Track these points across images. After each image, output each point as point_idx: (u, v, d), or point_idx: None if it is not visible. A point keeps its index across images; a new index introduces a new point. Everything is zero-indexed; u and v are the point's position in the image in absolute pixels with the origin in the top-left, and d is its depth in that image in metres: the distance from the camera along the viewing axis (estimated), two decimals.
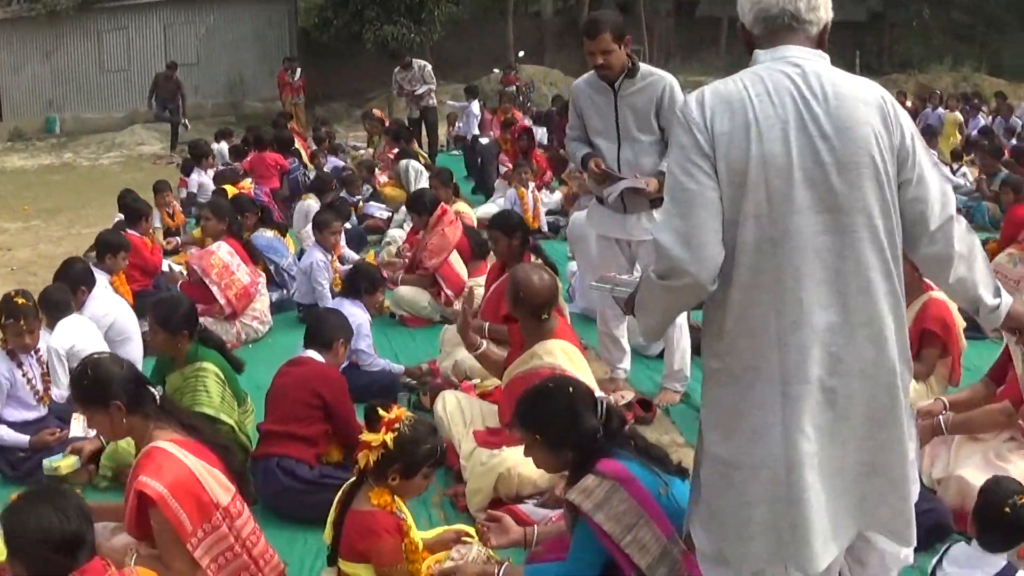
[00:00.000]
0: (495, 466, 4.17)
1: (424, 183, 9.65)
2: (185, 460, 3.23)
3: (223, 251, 6.72)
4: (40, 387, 4.84)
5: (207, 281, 6.55)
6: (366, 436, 3.22)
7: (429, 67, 14.61)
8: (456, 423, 4.64)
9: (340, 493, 3.39)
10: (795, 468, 2.37)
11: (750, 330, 2.40)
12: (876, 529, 2.56)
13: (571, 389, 3.31)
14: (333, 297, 6.81)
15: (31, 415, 4.82)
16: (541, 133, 14.36)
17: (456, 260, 7.24)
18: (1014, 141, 14.20)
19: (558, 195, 10.92)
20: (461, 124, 15.29)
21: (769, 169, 2.32)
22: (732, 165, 2.33)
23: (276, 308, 7.19)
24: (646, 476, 3.13)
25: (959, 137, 15.30)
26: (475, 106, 15.22)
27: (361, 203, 10.50)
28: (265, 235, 7.64)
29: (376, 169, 11.56)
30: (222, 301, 6.56)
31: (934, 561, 3.26)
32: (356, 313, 5.77)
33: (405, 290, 7.15)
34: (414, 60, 14.71)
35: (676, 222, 2.36)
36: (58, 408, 4.95)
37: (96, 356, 3.45)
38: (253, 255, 6.99)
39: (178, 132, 17.80)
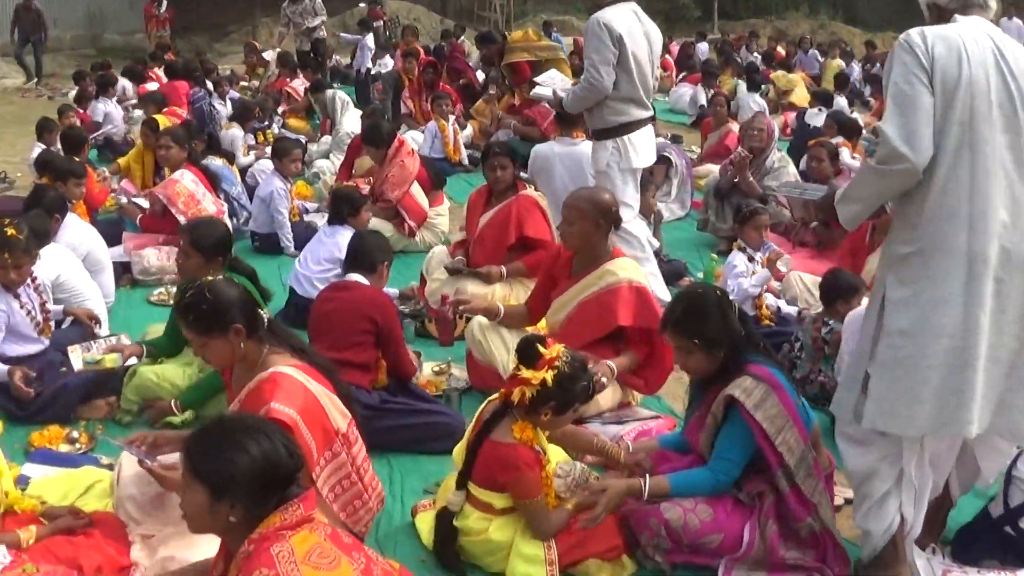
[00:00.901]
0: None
1: (351, 113, 9.42)
2: (308, 385, 3.12)
3: (187, 179, 6.39)
4: (40, 318, 4.51)
5: (173, 211, 6.22)
6: (525, 373, 3.17)
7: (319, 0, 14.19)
8: (498, 348, 4.63)
9: (477, 421, 3.36)
10: (971, 335, 2.88)
11: (946, 214, 2.90)
12: (1003, 431, 3.04)
13: (720, 295, 3.40)
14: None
15: (32, 348, 4.50)
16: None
17: (418, 191, 7.15)
18: None
19: (469, 129, 10.86)
20: (358, 57, 14.88)
21: (974, 91, 2.87)
22: (946, 83, 2.87)
23: None
24: (787, 383, 3.30)
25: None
26: (369, 39, 14.84)
27: (271, 133, 10.16)
28: (215, 163, 7.30)
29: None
30: None
31: (1009, 462, 3.46)
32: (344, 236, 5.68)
33: (374, 221, 6.99)
34: None
35: (898, 120, 2.87)
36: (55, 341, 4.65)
37: (210, 279, 3.21)
38: (213, 183, 6.66)
39: (42, 64, 16.73)
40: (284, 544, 2.29)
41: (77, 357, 4.50)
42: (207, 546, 2.84)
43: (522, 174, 6.63)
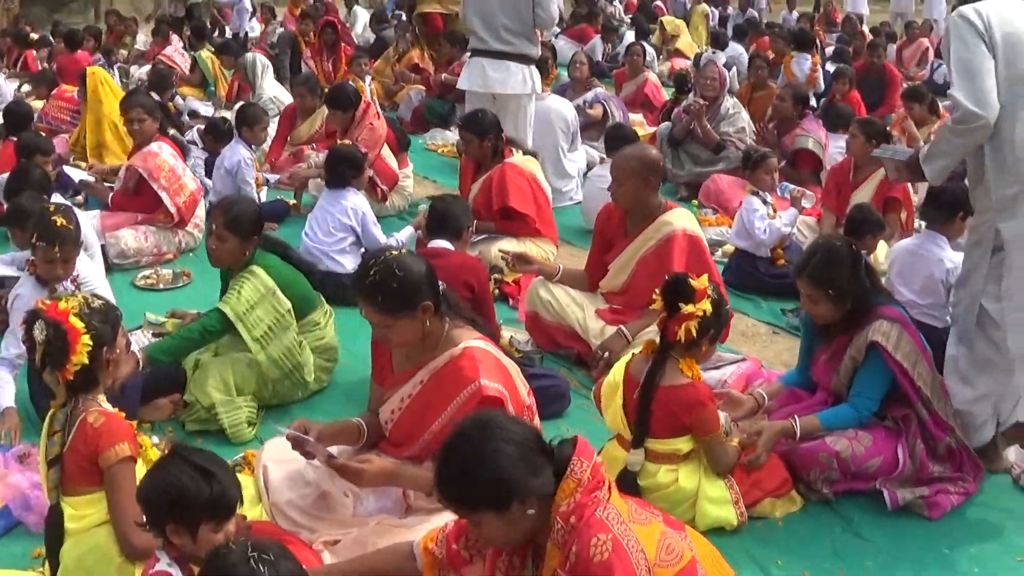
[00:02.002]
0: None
1: (270, 78, 9.11)
2: (501, 359, 3.10)
3: (167, 153, 5.99)
4: None
5: (155, 186, 5.85)
6: (688, 308, 3.23)
7: None
8: (569, 305, 4.68)
9: (628, 377, 3.38)
10: None
11: None
12: None
13: (852, 247, 3.61)
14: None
15: None
16: None
17: (387, 153, 7.02)
18: None
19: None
20: (234, 19, 14.28)
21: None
22: (1007, 45, 3.32)
23: None
24: (910, 318, 3.58)
25: (707, 29, 16.50)
26: (246, 1, 14.28)
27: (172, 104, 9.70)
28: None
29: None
30: (172, 209, 5.92)
31: None
32: (360, 202, 5.59)
33: None
34: None
35: (967, 84, 3.30)
36: None
37: (395, 253, 3.05)
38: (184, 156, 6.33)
39: None
40: (608, 507, 2.30)
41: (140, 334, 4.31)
42: (409, 534, 2.84)
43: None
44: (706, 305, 3.27)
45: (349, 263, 5.38)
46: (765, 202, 5.74)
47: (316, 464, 3.13)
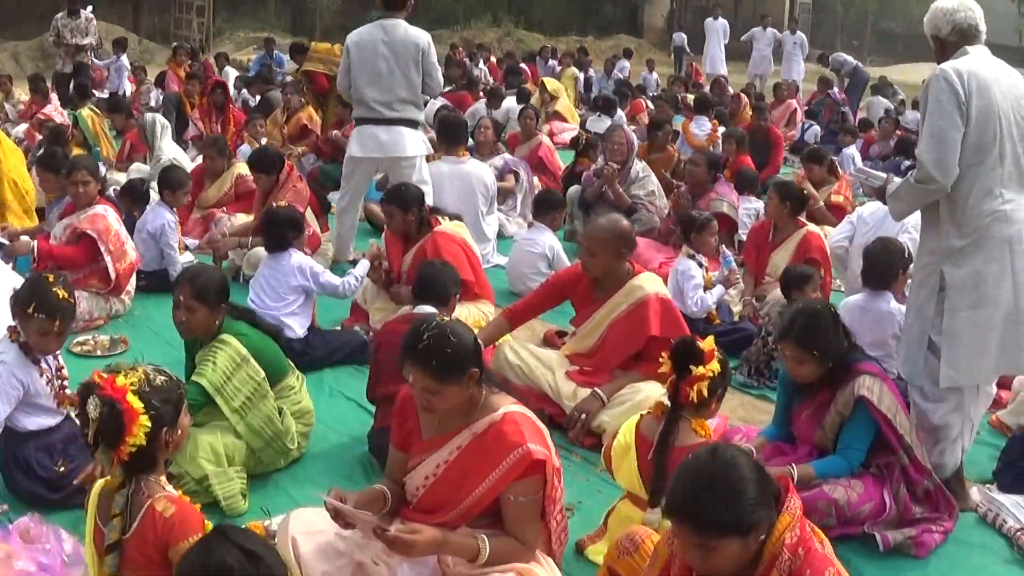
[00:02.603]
0: (642, 402, 4.47)
1: (168, 139, 8.98)
2: (537, 423, 3.21)
3: (112, 217, 5.99)
4: (57, 385, 4.08)
5: (103, 249, 5.82)
6: (699, 370, 3.43)
7: (94, 19, 13.22)
8: (538, 368, 4.84)
9: (640, 439, 3.55)
10: (1020, 300, 3.92)
11: (987, 212, 3.87)
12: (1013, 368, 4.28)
13: (832, 309, 3.96)
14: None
15: (51, 420, 4.02)
16: None
17: (311, 217, 7.06)
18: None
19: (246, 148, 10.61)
20: (112, 79, 13.95)
21: (1000, 116, 3.83)
22: (980, 113, 3.80)
23: None
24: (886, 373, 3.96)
25: (575, 92, 17.14)
26: (124, 60, 13.97)
27: None
28: None
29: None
30: (113, 275, 5.89)
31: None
32: (303, 259, 5.63)
33: (262, 251, 6.73)
34: (82, 8, 13.24)
35: (932, 150, 3.79)
36: None
37: (445, 320, 3.12)
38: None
39: None
40: (815, 538, 2.53)
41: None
42: None
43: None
44: (715, 366, 3.48)
45: (298, 326, 5.44)
46: (700, 265, 6.06)
47: (346, 534, 3.17)
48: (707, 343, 3.54)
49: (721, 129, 10.98)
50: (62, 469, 3.91)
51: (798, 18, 34.42)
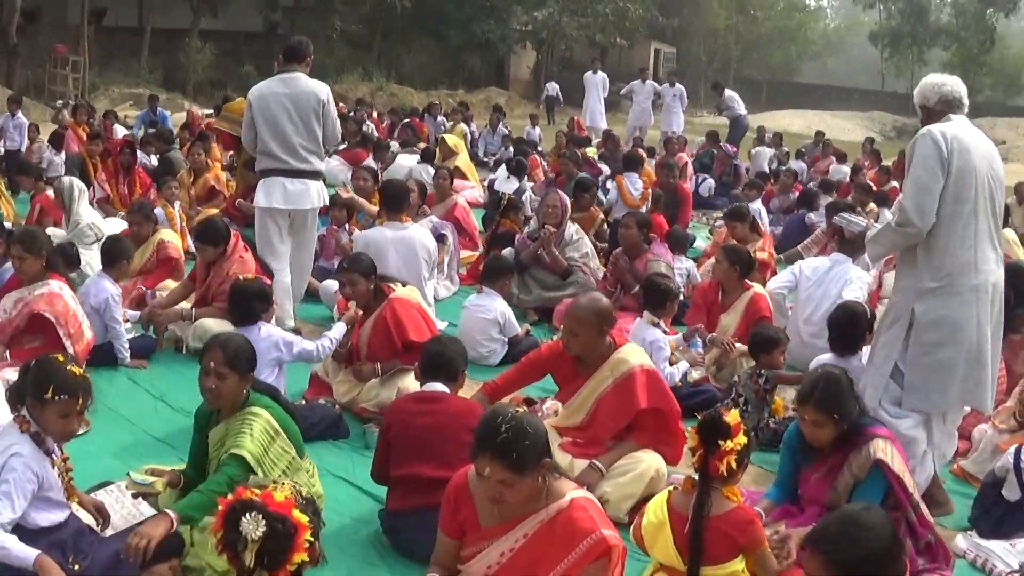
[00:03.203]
0: (644, 472, 4.67)
1: (85, 203, 8.75)
2: (600, 507, 3.36)
3: (68, 295, 5.78)
4: (66, 477, 3.96)
5: (61, 332, 5.62)
6: (728, 444, 3.59)
7: None
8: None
9: (673, 514, 3.67)
10: (983, 343, 4.49)
11: (960, 262, 4.44)
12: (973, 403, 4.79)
13: (847, 375, 4.20)
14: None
15: (61, 515, 3.83)
16: None
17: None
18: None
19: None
20: (11, 136, 13.41)
21: (977, 175, 4.44)
22: (959, 171, 4.38)
23: None
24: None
25: (467, 147, 17.37)
26: (22, 116, 13.50)
27: None
28: None
29: None
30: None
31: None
32: (273, 331, 5.63)
33: (211, 323, 6.58)
34: None
35: (915, 198, 4.40)
36: None
37: (519, 412, 3.18)
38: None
39: None
40: None
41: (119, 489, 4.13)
42: None
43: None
44: (743, 439, 3.65)
45: None
46: (664, 332, 6.28)
47: None
48: (732, 416, 3.71)
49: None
50: (76, 567, 3.77)
51: (664, 68, 36.09)
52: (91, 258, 7.51)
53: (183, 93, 25.61)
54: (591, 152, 15.72)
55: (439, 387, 4.40)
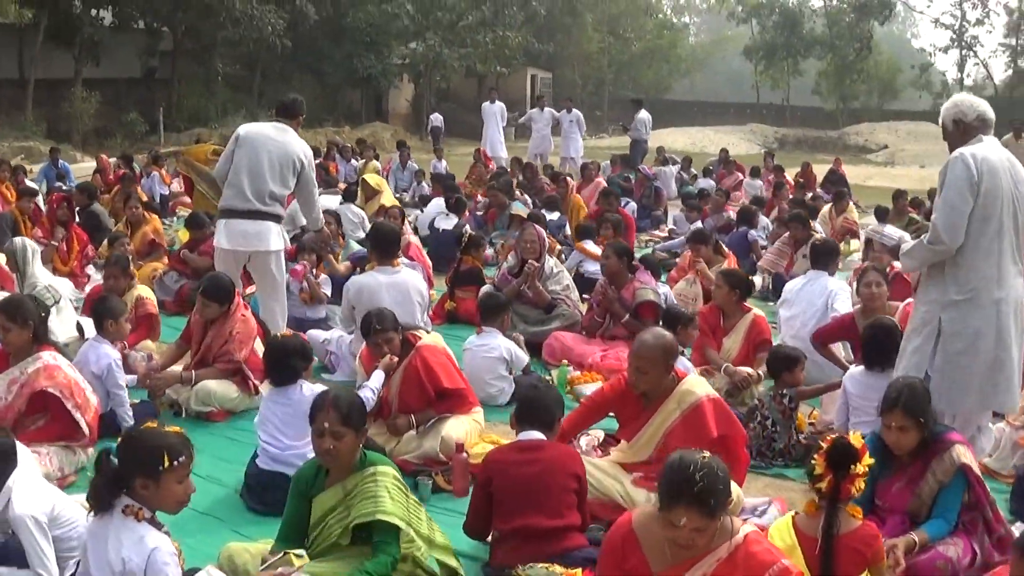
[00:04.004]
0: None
1: (39, 264, 8.51)
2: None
3: (65, 365, 5.55)
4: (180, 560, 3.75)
5: (70, 406, 5.41)
6: (859, 468, 3.84)
7: None
8: (605, 479, 4.99)
9: (802, 536, 3.90)
10: (1001, 351, 4.92)
11: (984, 277, 4.86)
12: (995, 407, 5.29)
13: (924, 381, 4.53)
14: None
15: None
16: None
17: (259, 345, 6.96)
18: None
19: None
20: None
21: (1003, 196, 4.82)
22: (988, 193, 4.79)
23: None
24: None
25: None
26: None
27: None
28: None
29: None
30: (86, 429, 5.47)
31: None
32: (317, 389, 5.24)
33: (213, 384, 6.60)
34: None
35: (945, 217, 4.82)
36: None
37: (705, 456, 3.33)
38: None
39: None
40: None
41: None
42: None
43: None
44: (869, 460, 3.91)
45: None
46: (688, 359, 6.50)
47: None
48: (856, 439, 3.95)
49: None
50: None
51: (541, 93, 36.66)
52: (52, 322, 7.27)
53: (71, 143, 24.86)
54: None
55: (537, 435, 4.45)
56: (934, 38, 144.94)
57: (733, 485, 4.81)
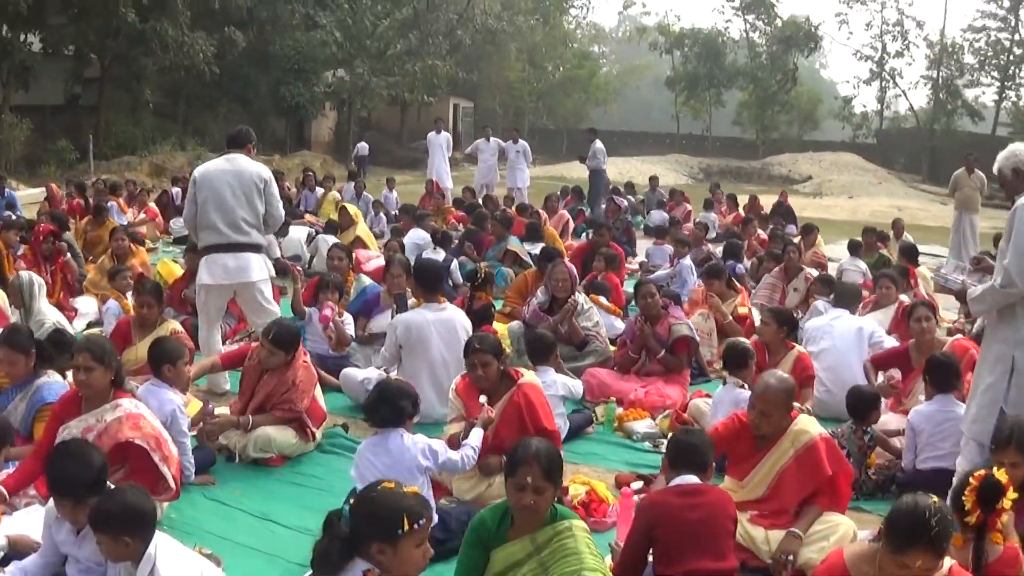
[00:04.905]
0: (844, 534, 4.95)
1: (44, 298, 8.21)
2: None
3: (147, 412, 5.27)
4: None
5: (156, 459, 5.09)
6: (1007, 501, 4.02)
7: None
8: (756, 536, 5.04)
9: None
10: None
11: None
12: None
13: None
14: None
15: None
16: None
17: (319, 393, 6.84)
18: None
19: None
20: None
21: None
22: None
23: None
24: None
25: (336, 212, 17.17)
26: None
27: None
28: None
29: None
30: (172, 484, 5.17)
31: None
32: (419, 438, 5.31)
33: (271, 431, 6.42)
34: None
35: (1018, 262, 4.91)
36: None
37: (933, 500, 3.51)
38: None
39: None
40: None
41: None
42: None
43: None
44: (1013, 493, 4.07)
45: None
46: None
47: None
48: (1002, 475, 4.10)
49: None
50: None
51: (460, 122, 36.86)
52: None
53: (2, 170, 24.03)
54: None
55: (693, 479, 4.49)
56: (856, 70, 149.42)
57: (844, 519, 5.06)
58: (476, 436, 5.58)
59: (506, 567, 3.96)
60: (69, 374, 5.88)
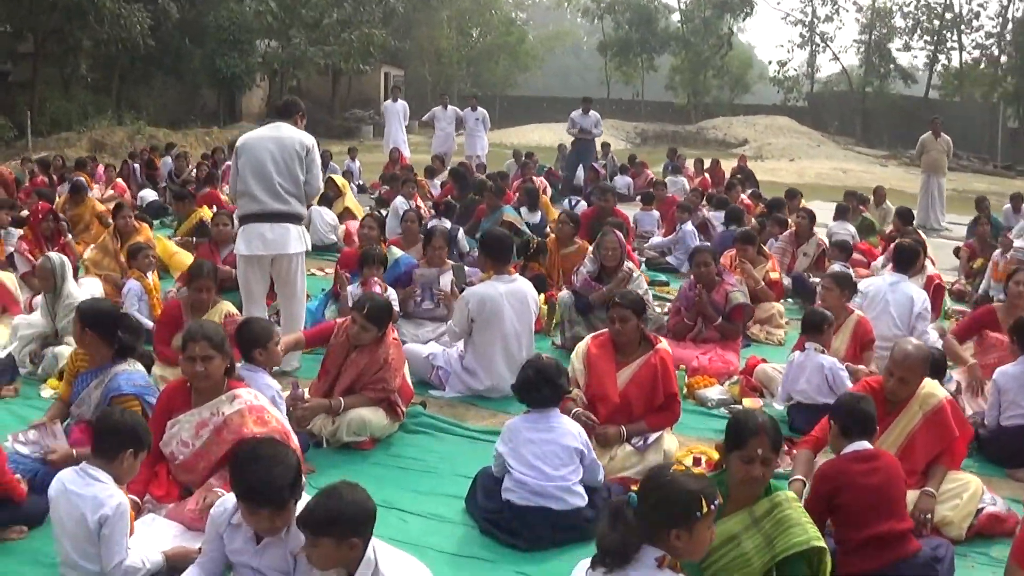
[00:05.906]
0: (975, 491, 5.15)
1: (71, 279, 7.84)
2: None
3: (268, 404, 5.13)
4: None
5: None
6: None
7: None
8: None
9: None
10: None
11: None
12: None
13: None
14: None
15: None
16: None
17: (407, 371, 6.67)
18: None
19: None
20: None
21: None
22: None
23: None
24: None
25: None
26: None
27: None
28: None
29: None
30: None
31: None
32: (571, 422, 5.22)
33: (366, 412, 6.21)
34: None
35: None
36: None
37: None
38: None
39: None
40: None
41: None
42: None
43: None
44: None
45: (579, 500, 5.01)
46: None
47: None
48: None
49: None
50: None
51: (401, 88, 36.33)
52: None
53: None
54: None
55: (867, 445, 4.55)
56: (789, 34, 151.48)
57: (974, 478, 5.24)
58: None
59: (722, 541, 3.86)
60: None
